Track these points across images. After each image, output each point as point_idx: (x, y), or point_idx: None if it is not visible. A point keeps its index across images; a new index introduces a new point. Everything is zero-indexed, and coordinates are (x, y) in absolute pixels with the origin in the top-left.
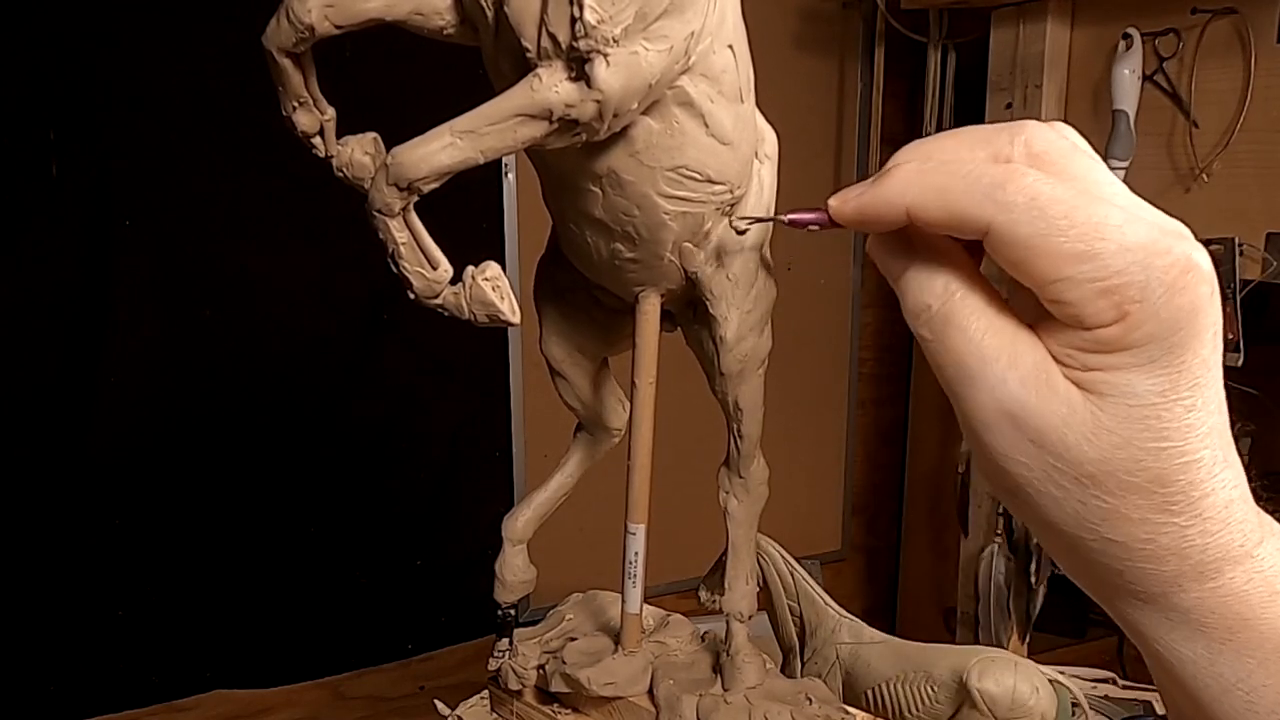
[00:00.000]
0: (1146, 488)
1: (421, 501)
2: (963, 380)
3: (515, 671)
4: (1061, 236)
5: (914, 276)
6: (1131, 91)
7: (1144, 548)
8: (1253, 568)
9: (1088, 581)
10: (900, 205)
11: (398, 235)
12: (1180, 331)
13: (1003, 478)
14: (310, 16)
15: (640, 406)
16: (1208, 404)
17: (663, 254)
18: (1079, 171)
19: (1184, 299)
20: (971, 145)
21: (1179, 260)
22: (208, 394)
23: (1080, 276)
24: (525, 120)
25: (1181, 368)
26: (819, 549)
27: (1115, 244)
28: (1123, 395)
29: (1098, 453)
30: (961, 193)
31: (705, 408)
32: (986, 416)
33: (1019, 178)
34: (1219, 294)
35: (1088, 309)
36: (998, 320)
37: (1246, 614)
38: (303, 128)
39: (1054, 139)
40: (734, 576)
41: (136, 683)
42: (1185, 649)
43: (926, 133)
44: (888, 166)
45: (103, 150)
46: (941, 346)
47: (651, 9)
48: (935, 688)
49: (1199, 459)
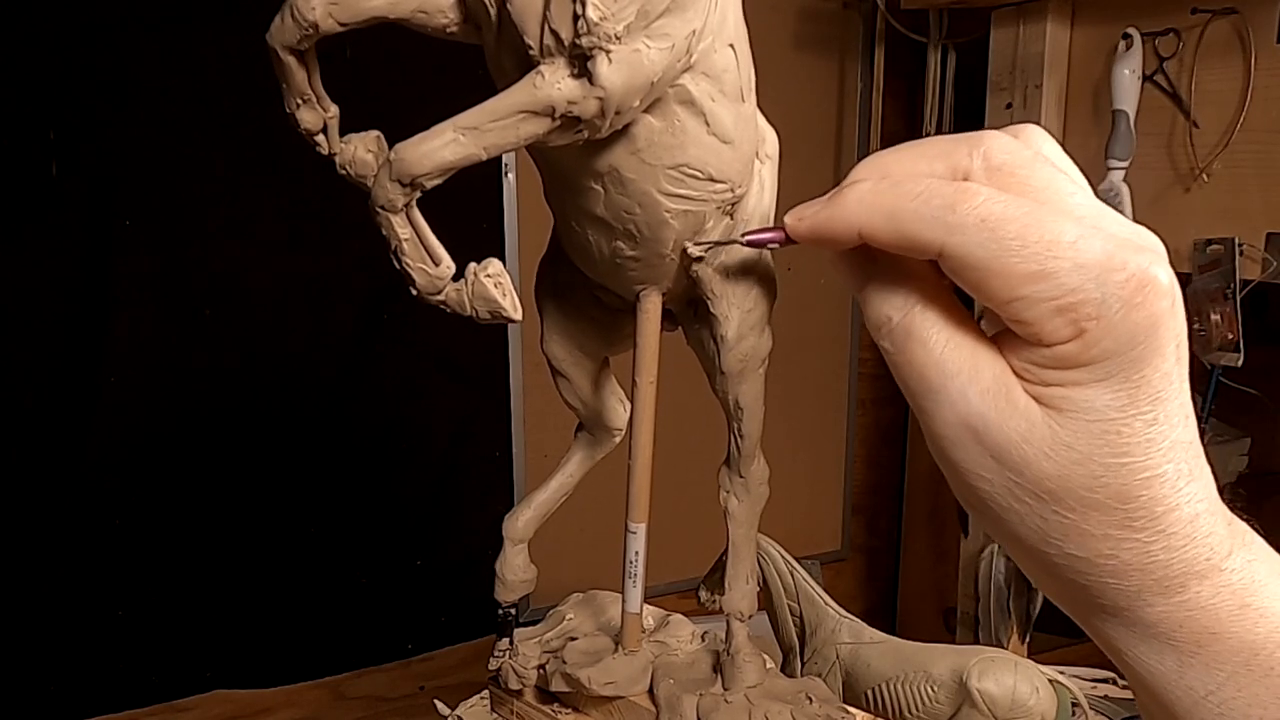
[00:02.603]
0: (1107, 504)
1: (421, 501)
2: (925, 394)
3: (515, 671)
4: (1015, 256)
5: (875, 290)
6: (1131, 91)
7: (1107, 563)
8: (1220, 581)
9: (1057, 595)
10: (852, 227)
11: (400, 232)
12: (1139, 346)
13: (969, 493)
14: (314, 14)
15: (641, 406)
16: (1170, 417)
17: (664, 252)
18: (1040, 183)
19: (1141, 314)
20: (930, 159)
21: (1135, 275)
22: (208, 394)
23: (1035, 295)
24: (528, 117)
25: (1141, 382)
26: (819, 549)
27: (1069, 261)
28: (1082, 411)
29: (1056, 469)
30: (911, 215)
31: (705, 407)
32: (949, 431)
33: (969, 198)
34: (1181, 306)
35: (1045, 327)
36: (958, 334)
37: (1214, 627)
38: (306, 125)
39: (1014, 149)
40: (734, 576)
41: (136, 683)
42: (1155, 662)
43: (926, 133)
44: (844, 184)
45: (103, 150)
46: (903, 360)
47: (654, 7)
48: (935, 688)
49: (1161, 474)
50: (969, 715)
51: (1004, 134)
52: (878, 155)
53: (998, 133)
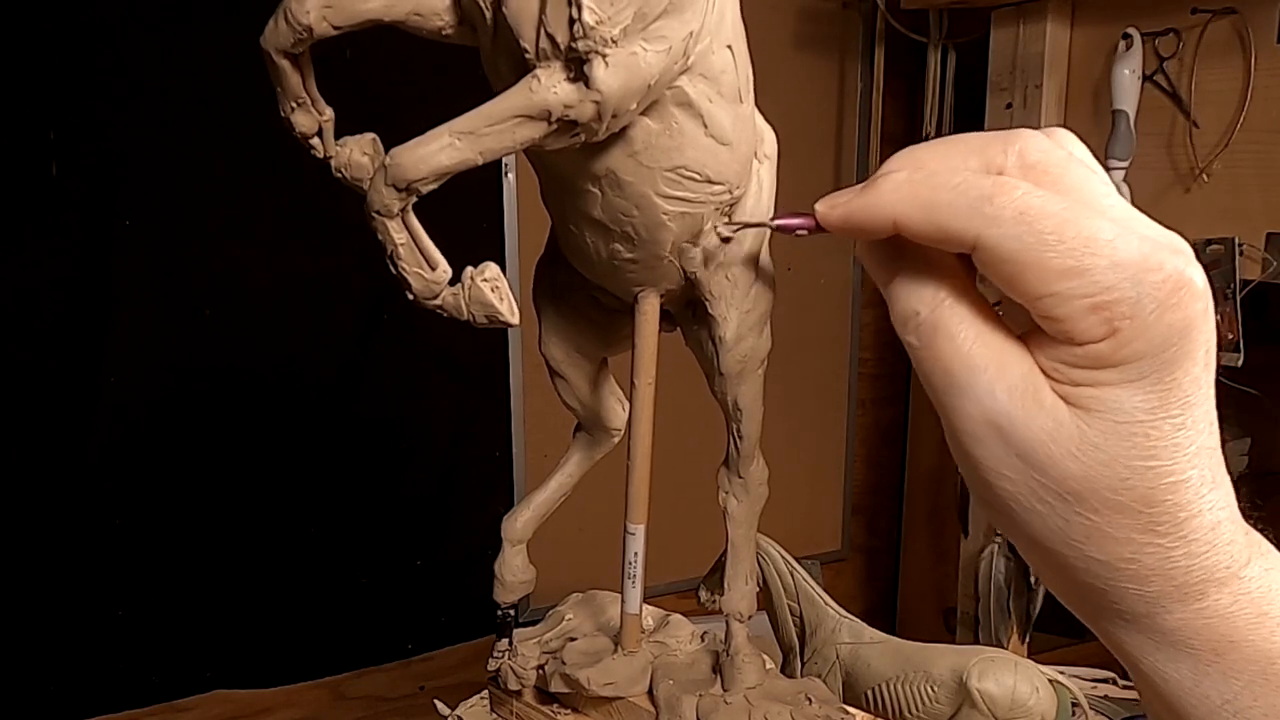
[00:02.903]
0: (1132, 507)
1: (421, 501)
2: (950, 390)
3: (514, 672)
4: (1051, 251)
5: (903, 283)
6: (1131, 91)
7: (1127, 567)
8: (1239, 589)
9: (1073, 600)
10: (887, 216)
11: (396, 236)
12: (1171, 348)
13: (988, 491)
14: (308, 17)
15: (640, 407)
16: (1197, 423)
17: (662, 254)
18: (1074, 183)
19: (1176, 316)
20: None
21: (1171, 276)
22: (207, 394)
23: (1070, 292)
24: (524, 121)
25: (1172, 385)
26: (819, 549)
27: (1106, 259)
28: (1111, 411)
29: (1082, 469)
30: (948, 206)
31: (705, 408)
32: (973, 428)
33: (1008, 191)
34: (1213, 311)
35: (1077, 325)
36: (986, 330)
37: (1232, 635)
38: (301, 128)
39: (1049, 149)
40: (733, 576)
41: (136, 683)
42: (1171, 670)
43: (926, 133)
44: (878, 174)
45: (103, 150)
46: (929, 354)
47: (650, 9)
48: (935, 688)
49: (1186, 479)
50: (969, 715)
51: (1038, 134)
52: (911, 149)
53: (1033, 131)
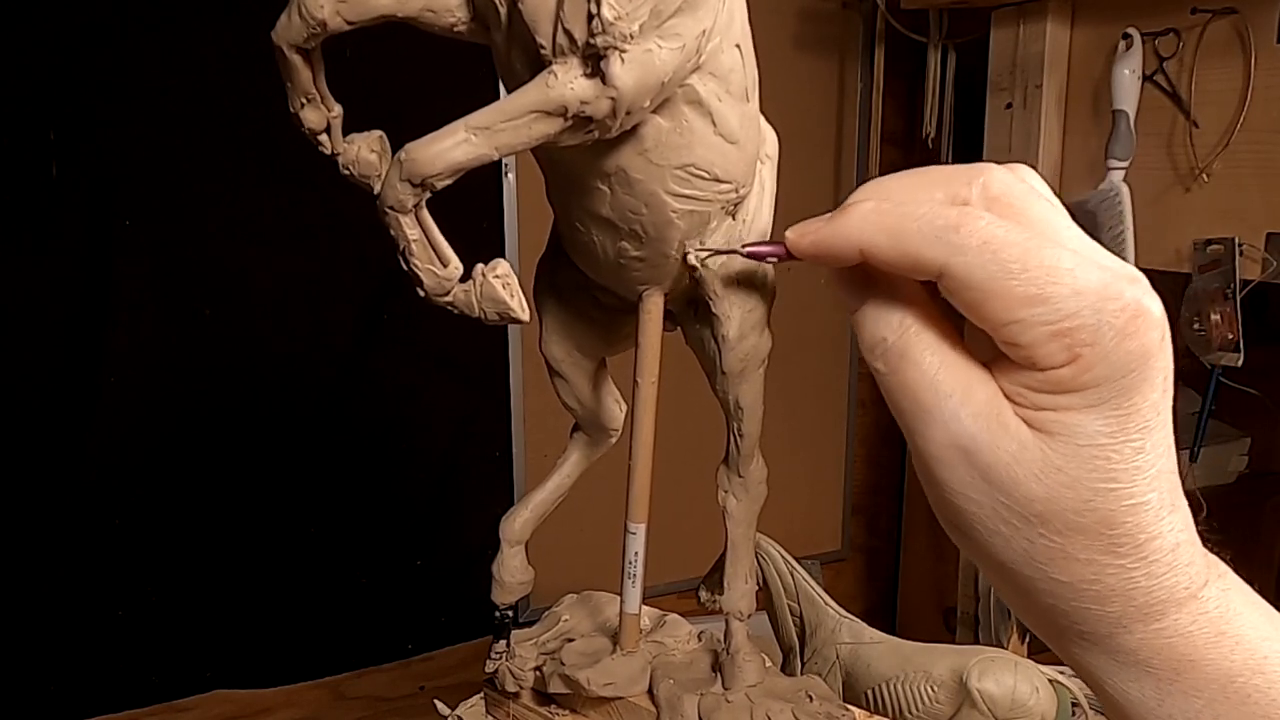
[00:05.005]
0: (1094, 529)
1: (421, 501)
2: (916, 414)
3: (512, 673)
4: (1014, 280)
5: (871, 310)
6: (1131, 91)
7: (1090, 588)
8: (1197, 609)
9: (1036, 622)
10: (855, 244)
11: (409, 232)
12: (1130, 374)
13: (953, 514)
14: (322, 12)
15: (641, 406)
16: (1156, 447)
17: (668, 252)
18: (1036, 215)
19: (1134, 343)
20: (930, 186)
21: (1130, 305)
22: (207, 394)
23: (1033, 319)
24: (540, 116)
25: (1131, 410)
26: (819, 549)
27: (1068, 288)
28: (1072, 435)
29: (1046, 491)
30: (915, 234)
31: (705, 408)
32: (939, 451)
33: (972, 220)
34: (1170, 339)
35: (1040, 351)
36: (952, 356)
37: (1192, 655)
38: (310, 124)
39: (1012, 182)
40: (733, 576)
41: (136, 683)
42: (1133, 690)
43: (926, 133)
44: (846, 203)
45: (103, 150)
46: (896, 380)
47: (666, 6)
48: (935, 688)
49: (1146, 502)
50: (969, 715)
51: (1001, 168)
52: (879, 180)
53: (996, 165)
